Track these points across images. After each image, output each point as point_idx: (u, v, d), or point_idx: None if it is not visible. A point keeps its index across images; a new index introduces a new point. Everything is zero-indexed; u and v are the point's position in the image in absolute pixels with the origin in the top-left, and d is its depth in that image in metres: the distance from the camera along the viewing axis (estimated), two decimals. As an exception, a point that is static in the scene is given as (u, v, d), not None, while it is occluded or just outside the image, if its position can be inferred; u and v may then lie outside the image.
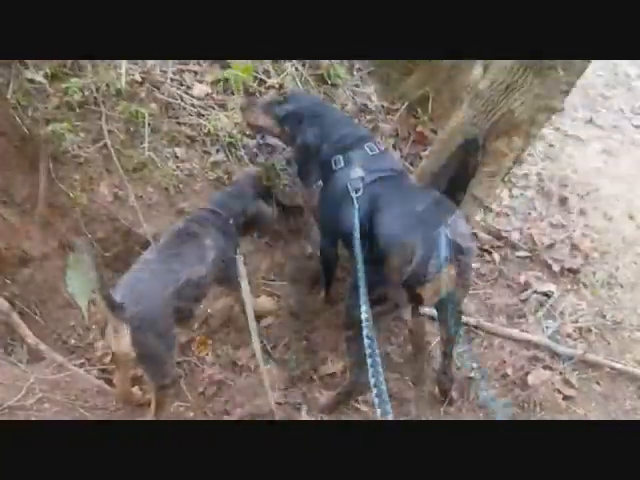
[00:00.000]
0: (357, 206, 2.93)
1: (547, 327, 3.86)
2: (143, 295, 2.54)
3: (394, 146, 4.42)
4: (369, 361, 2.10)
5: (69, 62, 3.42)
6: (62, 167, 3.28)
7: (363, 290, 2.45)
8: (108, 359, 3.13)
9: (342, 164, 3.19)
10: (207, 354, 3.17)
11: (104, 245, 3.34)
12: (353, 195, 2.99)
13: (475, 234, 4.13)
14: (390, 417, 1.88)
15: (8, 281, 3.10)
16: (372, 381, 2.02)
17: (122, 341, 2.45)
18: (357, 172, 3.09)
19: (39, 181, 3.19)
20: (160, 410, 2.65)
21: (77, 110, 3.37)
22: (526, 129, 3.25)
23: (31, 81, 3.31)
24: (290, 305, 3.46)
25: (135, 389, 2.90)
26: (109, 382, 3.00)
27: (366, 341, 2.20)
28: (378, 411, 1.91)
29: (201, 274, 2.82)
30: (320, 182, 3.32)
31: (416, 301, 2.79)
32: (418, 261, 2.52)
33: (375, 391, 1.97)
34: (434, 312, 3.23)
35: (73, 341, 3.19)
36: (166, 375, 2.64)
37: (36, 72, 3.33)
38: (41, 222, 3.22)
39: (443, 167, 3.44)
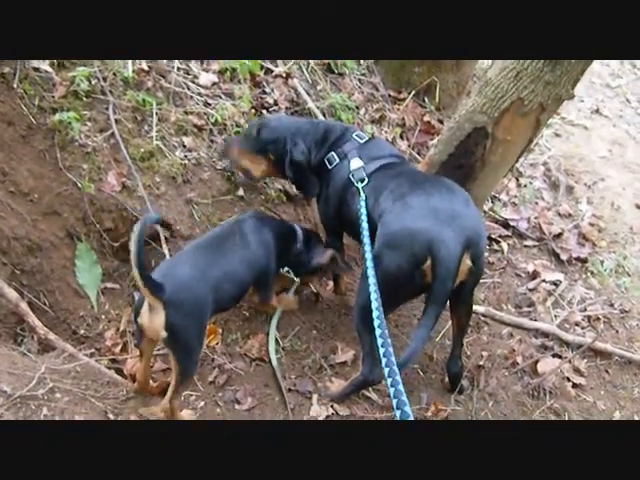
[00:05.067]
0: (364, 196, 2.91)
1: (556, 316, 3.86)
2: (184, 280, 2.57)
3: (401, 136, 4.41)
4: (383, 360, 2.08)
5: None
6: (69, 156, 3.25)
7: (373, 280, 2.44)
8: (118, 349, 3.13)
9: (337, 160, 3.17)
10: (217, 343, 3.16)
11: (112, 235, 3.32)
12: (359, 185, 2.98)
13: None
14: (411, 419, 1.80)
15: (17, 271, 3.08)
16: (389, 381, 1.98)
17: (156, 319, 2.47)
18: (357, 162, 3.08)
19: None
20: (175, 397, 2.64)
21: (84, 99, 3.33)
22: (536, 117, 3.23)
23: (37, 70, 3.27)
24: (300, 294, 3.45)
25: None
26: (119, 372, 2.99)
27: (379, 340, 2.17)
28: (397, 413, 1.83)
29: (244, 275, 2.87)
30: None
31: (428, 290, 2.76)
32: (433, 250, 2.50)
33: (392, 391, 1.92)
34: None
35: (82, 331, 3.17)
36: (192, 363, 2.64)
37: (42, 61, 3.30)
38: (49, 212, 3.20)
39: (451, 155, 3.43)
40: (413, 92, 4.60)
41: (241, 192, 3.54)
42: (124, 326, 3.20)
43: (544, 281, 4.10)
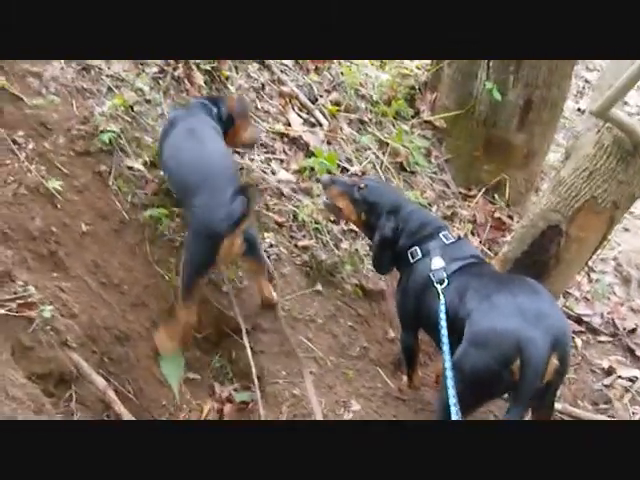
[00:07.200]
0: (443, 299, 2.94)
1: (634, 413, 3.80)
2: None
3: (472, 232, 4.48)
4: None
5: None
6: (158, 250, 3.41)
7: (452, 391, 2.49)
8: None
9: (420, 255, 3.20)
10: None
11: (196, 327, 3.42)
12: (438, 287, 3.00)
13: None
14: None
15: (105, 359, 3.18)
16: None
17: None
18: (438, 262, 3.09)
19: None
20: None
21: (174, 196, 3.50)
22: (610, 215, 3.28)
23: (130, 168, 3.47)
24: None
25: None
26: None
27: None
28: None
29: None
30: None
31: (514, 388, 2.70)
32: (521, 350, 2.54)
33: None
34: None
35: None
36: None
37: (135, 160, 3.49)
38: (137, 303, 3.33)
39: (525, 253, 3.48)
40: (483, 189, 4.71)
41: (319, 287, 3.63)
42: (205, 416, 3.26)
43: (620, 377, 4.05)
